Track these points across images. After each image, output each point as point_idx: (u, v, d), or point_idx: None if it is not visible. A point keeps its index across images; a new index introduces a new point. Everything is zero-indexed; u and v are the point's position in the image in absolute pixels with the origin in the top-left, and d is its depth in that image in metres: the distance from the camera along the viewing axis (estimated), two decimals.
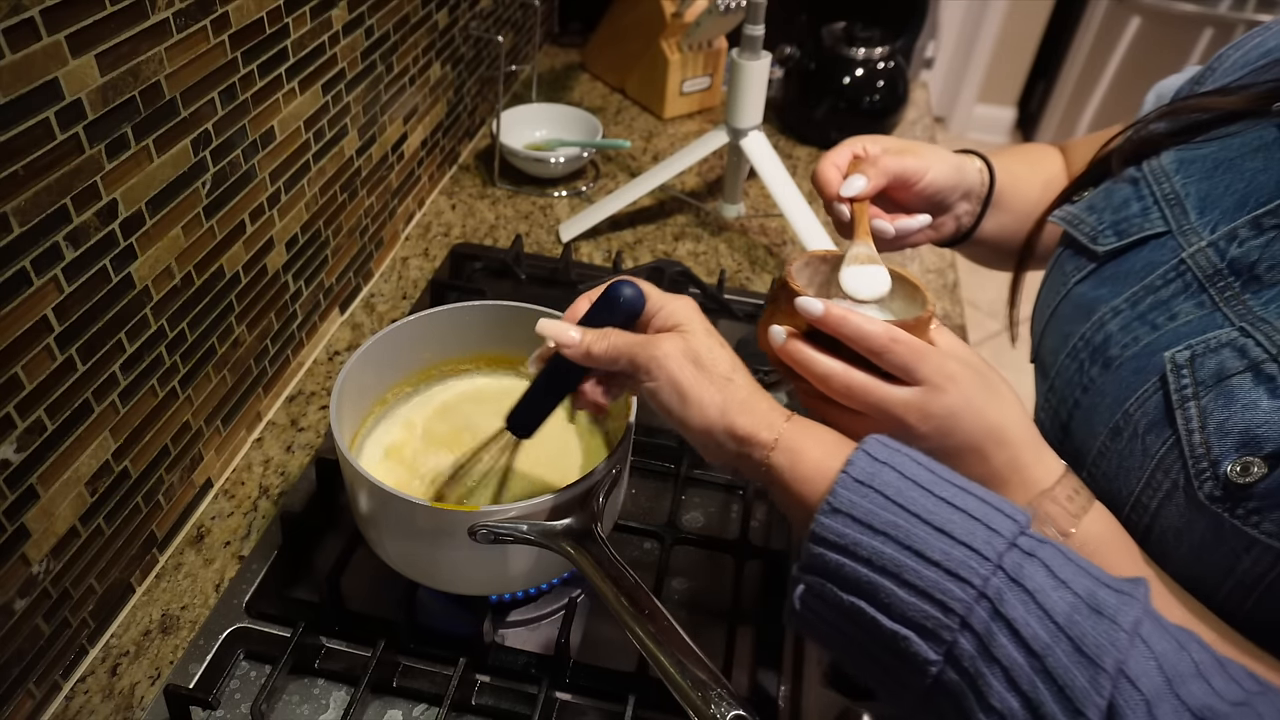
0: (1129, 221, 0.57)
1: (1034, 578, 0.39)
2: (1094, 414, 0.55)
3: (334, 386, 0.64)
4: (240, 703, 0.63)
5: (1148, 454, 0.50)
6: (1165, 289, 0.53)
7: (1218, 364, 0.48)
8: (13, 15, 0.49)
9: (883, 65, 1.33)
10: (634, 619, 0.49)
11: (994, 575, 0.39)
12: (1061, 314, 0.60)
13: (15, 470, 0.56)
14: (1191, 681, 0.36)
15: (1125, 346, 0.54)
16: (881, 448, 0.44)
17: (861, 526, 0.41)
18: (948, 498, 0.42)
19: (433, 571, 0.63)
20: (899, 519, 0.41)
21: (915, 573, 0.40)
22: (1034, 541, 0.41)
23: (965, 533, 0.40)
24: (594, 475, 0.59)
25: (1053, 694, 0.37)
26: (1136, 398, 0.52)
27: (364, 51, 0.91)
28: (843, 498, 0.42)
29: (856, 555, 0.41)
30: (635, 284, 0.54)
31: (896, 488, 0.42)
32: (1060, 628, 0.38)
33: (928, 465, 0.44)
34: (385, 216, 1.05)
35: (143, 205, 0.63)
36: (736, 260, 1.13)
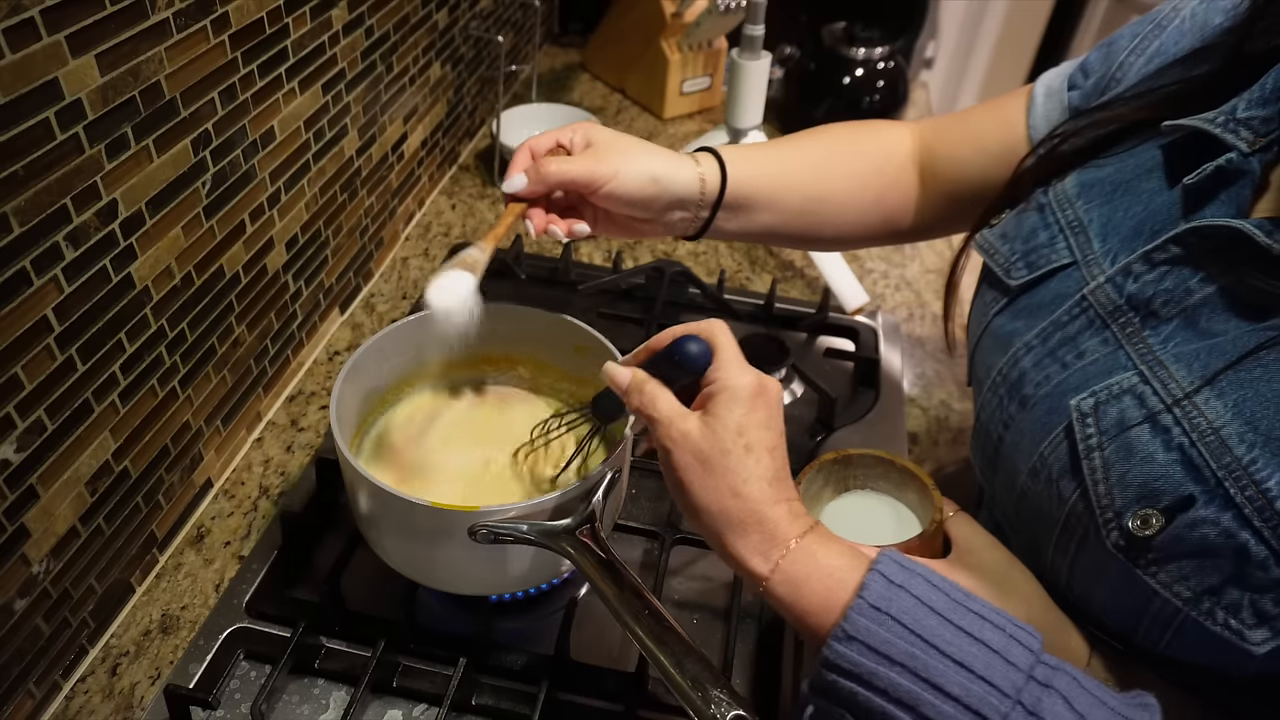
0: (1038, 252, 0.57)
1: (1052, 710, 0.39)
2: (1016, 451, 0.55)
3: (334, 386, 0.64)
4: (240, 703, 0.63)
5: (1061, 500, 0.51)
6: (1071, 325, 0.53)
7: (1119, 413, 0.48)
8: (13, 15, 0.49)
9: (883, 65, 1.33)
10: (634, 619, 0.49)
11: (1013, 711, 0.39)
12: (984, 346, 0.60)
13: (15, 470, 0.56)
14: None
15: (1038, 385, 0.54)
16: (897, 569, 0.43)
17: (878, 656, 0.40)
18: (966, 627, 0.41)
19: (433, 571, 0.63)
20: (917, 649, 0.40)
21: (934, 707, 0.39)
22: (1049, 670, 0.40)
23: (984, 666, 0.40)
24: (594, 475, 0.59)
25: None
26: (1050, 440, 0.52)
27: (364, 51, 0.91)
28: (858, 625, 0.41)
29: (872, 685, 0.40)
30: (702, 342, 0.51)
31: (914, 615, 0.41)
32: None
33: (943, 588, 0.43)
34: (385, 216, 1.05)
35: (143, 205, 0.63)
36: (736, 260, 1.13)
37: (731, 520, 0.47)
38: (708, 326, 0.53)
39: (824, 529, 0.48)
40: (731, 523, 0.47)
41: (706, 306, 1.01)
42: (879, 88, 1.34)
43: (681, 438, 0.49)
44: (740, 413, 0.48)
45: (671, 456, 0.49)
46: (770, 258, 1.14)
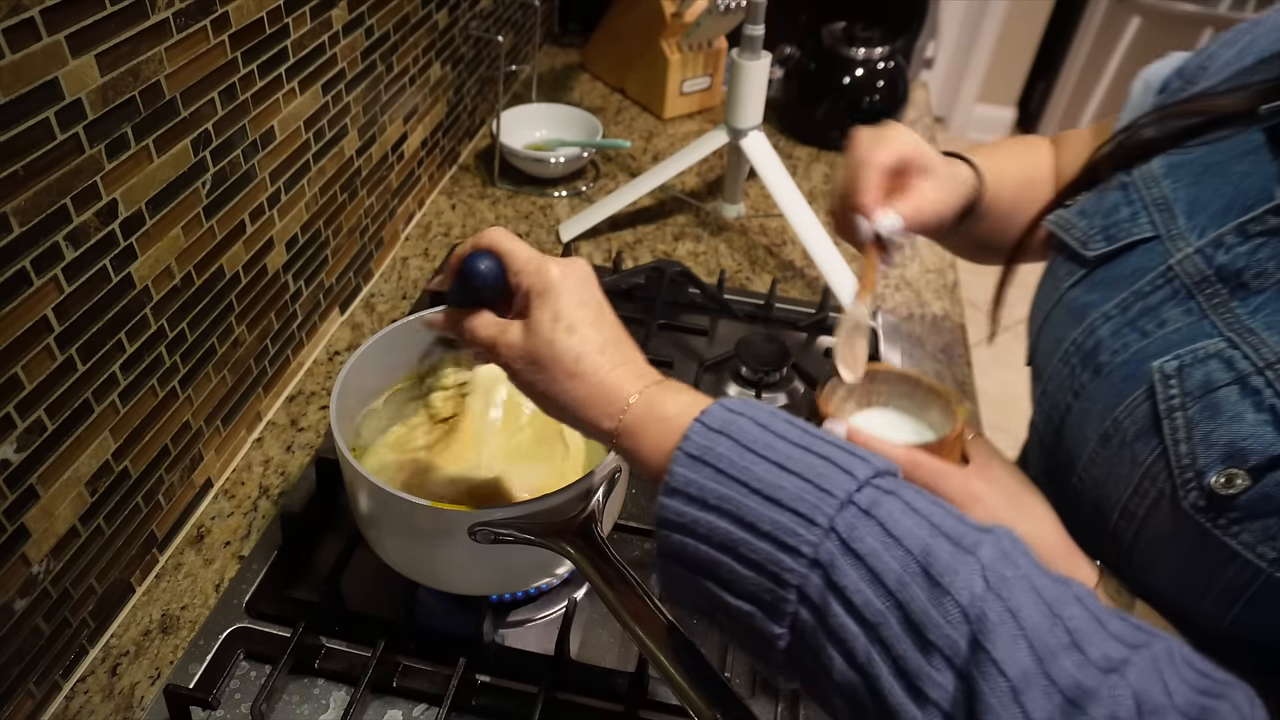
0: (1118, 226, 0.57)
1: (865, 539, 0.37)
2: (1085, 419, 0.55)
3: (334, 386, 0.64)
4: (240, 703, 0.63)
5: (1136, 462, 0.51)
6: (1154, 295, 0.53)
7: (1205, 375, 0.48)
8: (13, 15, 0.49)
9: (883, 65, 1.33)
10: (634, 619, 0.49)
11: (825, 540, 0.37)
12: (1054, 319, 0.60)
13: (15, 470, 0.56)
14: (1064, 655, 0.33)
15: (1115, 353, 0.54)
16: (721, 414, 0.42)
17: (698, 504, 0.40)
18: (782, 461, 0.39)
19: (433, 571, 0.63)
20: (731, 491, 0.39)
21: (749, 546, 0.38)
22: (877, 494, 0.38)
23: (793, 498, 0.38)
24: (594, 475, 0.59)
25: (890, 669, 0.35)
26: (1125, 405, 0.52)
27: (364, 51, 0.91)
28: (679, 477, 0.41)
29: (695, 534, 0.40)
30: (490, 255, 0.51)
31: (729, 459, 0.40)
32: (891, 593, 0.36)
33: (772, 426, 0.41)
34: (385, 216, 1.05)
35: (143, 205, 0.63)
36: (736, 260, 1.13)
37: (578, 399, 0.48)
38: (487, 237, 0.52)
39: (671, 382, 0.48)
40: (579, 401, 0.48)
41: (707, 307, 1.01)
42: (879, 88, 1.34)
43: (509, 349, 0.50)
44: (551, 302, 0.49)
45: (511, 368, 0.50)
46: (770, 258, 1.14)
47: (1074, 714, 0.32)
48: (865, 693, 0.36)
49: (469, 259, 0.51)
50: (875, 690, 0.36)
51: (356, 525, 0.67)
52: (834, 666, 0.37)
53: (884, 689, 0.35)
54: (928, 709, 0.34)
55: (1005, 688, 0.32)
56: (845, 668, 0.37)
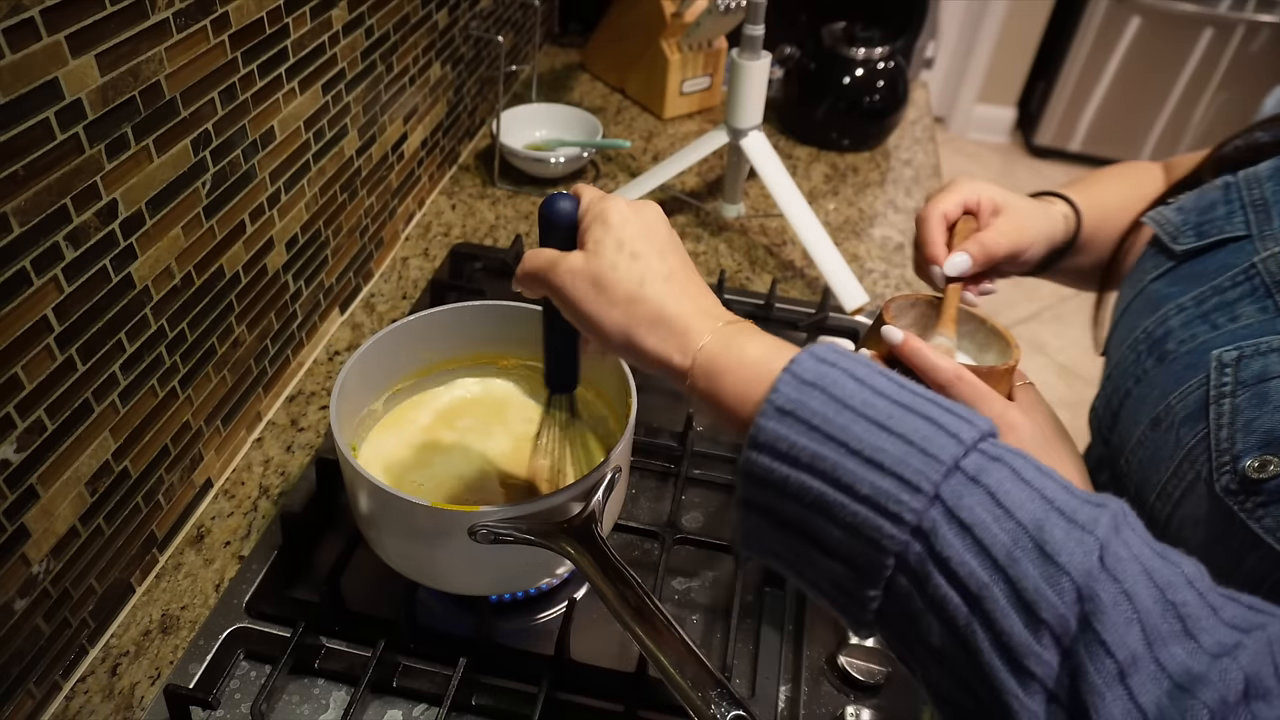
0: (1212, 223, 0.58)
1: (973, 509, 0.36)
2: (1142, 404, 0.56)
3: (334, 386, 0.64)
4: (240, 703, 0.63)
5: (1179, 445, 0.51)
6: (1232, 290, 0.54)
7: (1262, 366, 0.49)
8: (13, 15, 0.49)
9: (883, 65, 1.33)
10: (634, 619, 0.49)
11: (930, 507, 0.36)
12: (1133, 309, 0.61)
13: (15, 470, 0.56)
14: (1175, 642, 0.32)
15: (1182, 342, 0.55)
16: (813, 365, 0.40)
17: (789, 461, 0.38)
18: (883, 420, 0.38)
19: (433, 571, 0.63)
20: (827, 451, 0.38)
21: (846, 509, 0.37)
22: (984, 460, 0.37)
23: (896, 461, 0.36)
24: (594, 475, 0.59)
25: (991, 641, 0.34)
26: (1180, 391, 0.53)
27: (364, 51, 0.91)
28: (768, 431, 0.39)
29: (785, 492, 0.39)
30: (568, 195, 0.51)
31: (824, 415, 0.38)
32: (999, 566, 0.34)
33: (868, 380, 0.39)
34: (385, 216, 1.05)
35: (143, 205, 0.63)
36: (736, 260, 1.13)
37: (638, 323, 0.46)
38: (573, 186, 0.53)
39: (746, 322, 0.46)
40: (638, 326, 0.46)
41: None
42: (879, 88, 1.34)
43: (569, 273, 0.48)
44: (615, 229, 0.48)
45: (567, 295, 0.48)
46: (770, 258, 1.14)
47: (1182, 698, 0.31)
48: (964, 662, 0.35)
49: (548, 200, 0.51)
50: (975, 661, 0.35)
51: (356, 525, 0.67)
52: (931, 633, 0.36)
53: (984, 660, 0.34)
54: (1030, 684, 0.34)
55: (1113, 669, 0.32)
56: (943, 635, 0.36)
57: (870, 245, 1.18)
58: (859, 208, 1.25)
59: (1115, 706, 0.32)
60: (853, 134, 1.38)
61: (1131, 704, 0.32)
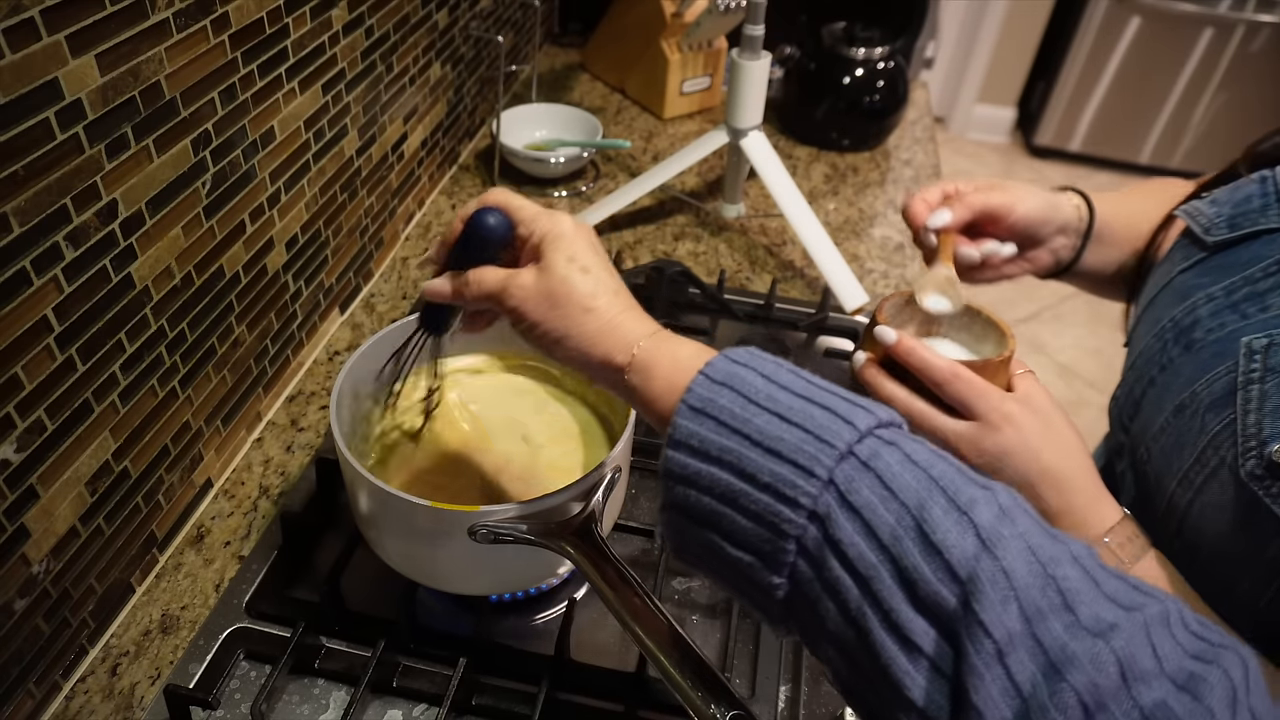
0: (1246, 216, 0.58)
1: (862, 491, 0.37)
2: (1166, 391, 0.57)
3: (334, 386, 0.64)
4: (240, 703, 0.63)
5: (1204, 431, 0.52)
6: (1264, 281, 0.54)
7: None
8: (13, 15, 0.49)
9: (883, 65, 1.33)
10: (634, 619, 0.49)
11: (824, 492, 0.37)
12: (1160, 300, 0.62)
13: (15, 470, 0.56)
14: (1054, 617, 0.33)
15: (1210, 331, 0.55)
16: (724, 365, 0.42)
17: (700, 456, 0.40)
18: (783, 412, 0.39)
19: (433, 571, 0.63)
20: (732, 443, 0.40)
21: (750, 497, 0.39)
22: (878, 444, 0.38)
23: (793, 449, 0.38)
24: (594, 475, 0.59)
25: (881, 621, 0.35)
26: (1207, 378, 0.53)
27: (364, 51, 0.91)
28: (682, 429, 0.41)
29: (698, 485, 0.40)
30: (498, 211, 0.52)
31: (731, 411, 0.40)
32: (885, 547, 0.36)
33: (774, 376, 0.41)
34: (385, 216, 1.05)
35: (143, 205, 0.63)
36: (736, 260, 1.13)
37: (589, 333, 0.49)
38: (492, 196, 0.53)
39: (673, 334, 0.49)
40: (589, 335, 0.49)
41: (707, 306, 1.01)
42: (879, 88, 1.34)
43: (522, 290, 0.50)
44: (566, 245, 0.50)
45: (521, 311, 0.50)
46: (770, 258, 1.14)
47: (1054, 678, 0.32)
48: (857, 644, 0.37)
49: (477, 215, 0.52)
50: (867, 642, 0.36)
51: (356, 525, 0.67)
52: (829, 617, 0.37)
53: (875, 641, 0.36)
54: (918, 660, 0.35)
55: (991, 649, 0.33)
56: (839, 619, 0.37)
57: (870, 245, 1.18)
58: (859, 208, 1.25)
59: (994, 686, 0.32)
60: (853, 134, 1.38)
61: (1009, 682, 0.32)
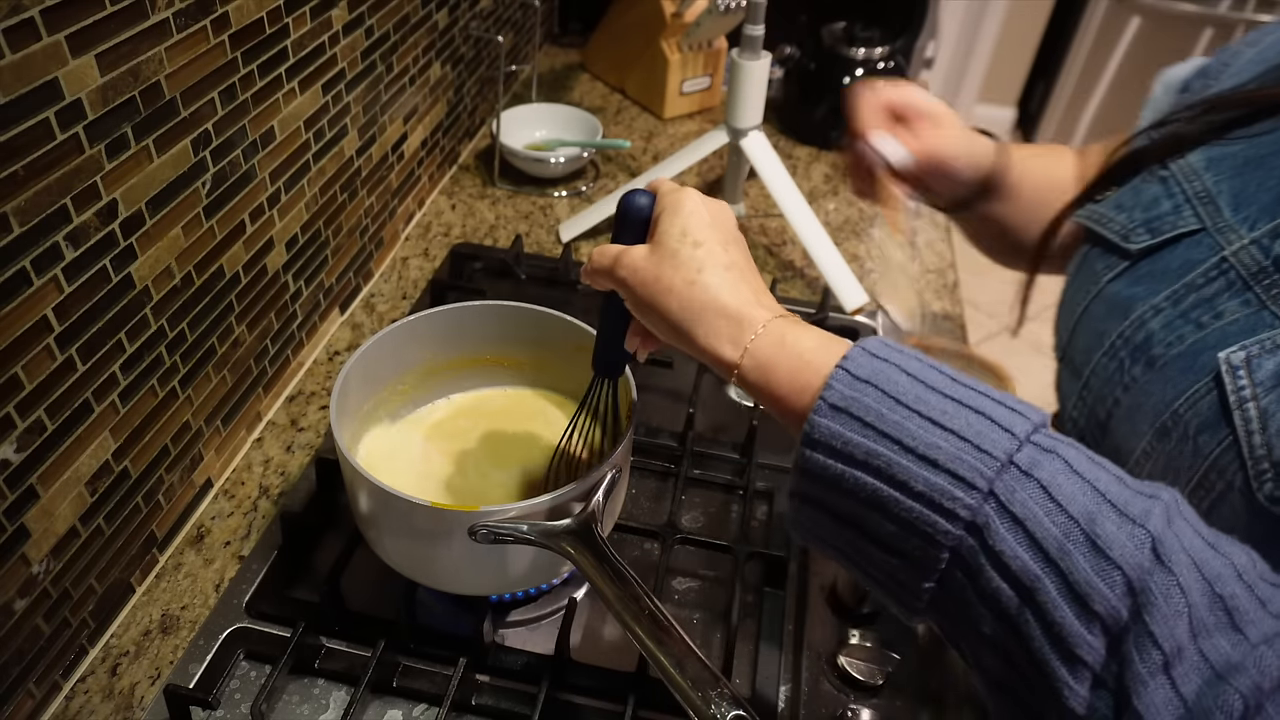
0: (1161, 220, 0.57)
1: (1026, 503, 0.36)
2: (1137, 414, 0.55)
3: (334, 386, 0.64)
4: (240, 703, 0.63)
5: (1199, 454, 0.50)
6: (1208, 287, 0.53)
7: (1276, 365, 0.47)
8: (13, 15, 0.49)
9: (883, 65, 1.33)
10: (634, 619, 0.49)
11: (984, 504, 0.36)
12: (1093, 312, 0.60)
13: (15, 470, 0.56)
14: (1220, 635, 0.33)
15: (1170, 345, 0.53)
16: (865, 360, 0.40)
17: (843, 458, 0.39)
18: (937, 417, 0.38)
19: (433, 571, 0.63)
20: (881, 448, 0.38)
21: (901, 505, 0.38)
22: (1037, 453, 0.37)
23: (951, 458, 0.37)
24: (594, 475, 0.59)
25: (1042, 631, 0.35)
26: (1186, 398, 0.51)
27: (364, 51, 0.91)
28: (822, 428, 0.39)
29: (840, 488, 0.39)
30: (645, 190, 0.52)
31: (879, 412, 0.39)
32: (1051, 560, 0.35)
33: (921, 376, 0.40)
34: (385, 216, 1.05)
35: (143, 205, 0.63)
36: None
37: (693, 310, 0.46)
38: (651, 181, 0.53)
39: (798, 318, 0.47)
40: (693, 313, 0.46)
41: None
42: None
43: (632, 264, 0.49)
44: (681, 219, 0.49)
45: (629, 283, 0.49)
46: (770, 258, 1.14)
47: (1218, 685, 0.32)
48: (1015, 649, 0.36)
49: (625, 195, 0.52)
50: (1026, 648, 0.36)
51: (356, 525, 0.67)
52: (983, 622, 0.37)
53: (1035, 648, 0.35)
54: (1079, 671, 0.35)
55: (1159, 660, 0.33)
56: (995, 625, 0.37)
57: (870, 245, 1.18)
58: (859, 208, 1.25)
59: (1158, 695, 0.33)
60: None
61: (1173, 692, 0.32)
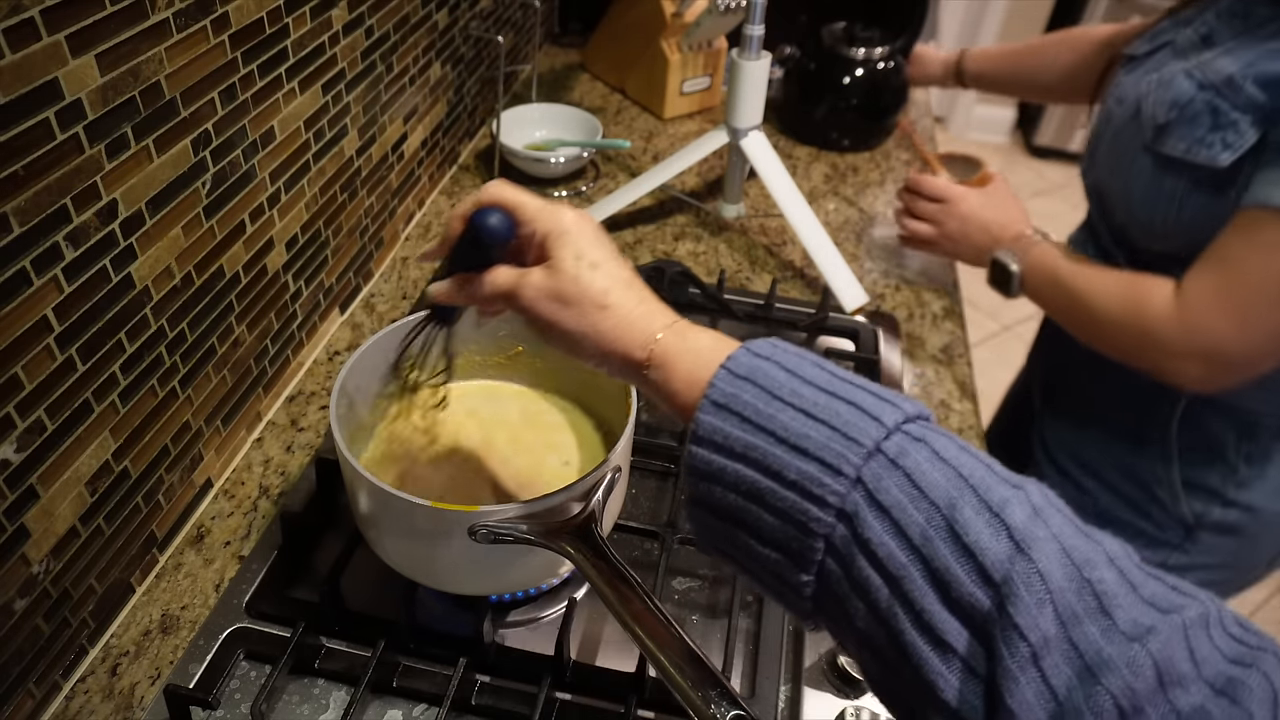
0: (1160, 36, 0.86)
1: (891, 490, 0.36)
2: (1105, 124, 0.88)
3: (334, 386, 0.64)
4: (240, 703, 0.63)
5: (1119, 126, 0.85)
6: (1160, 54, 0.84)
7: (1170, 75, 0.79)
8: (13, 15, 0.49)
9: (883, 65, 1.33)
10: (634, 619, 0.49)
11: (852, 490, 0.37)
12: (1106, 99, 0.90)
13: (15, 470, 0.56)
14: (1090, 621, 0.32)
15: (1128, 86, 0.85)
16: (747, 359, 0.41)
17: (725, 453, 0.40)
18: (809, 408, 0.39)
19: (433, 571, 0.63)
20: (757, 440, 0.39)
21: (776, 495, 0.38)
22: (906, 441, 0.38)
23: (819, 447, 0.38)
24: (594, 475, 0.59)
25: (912, 621, 0.35)
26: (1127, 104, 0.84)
27: (364, 51, 0.91)
28: (705, 425, 0.41)
29: (723, 482, 0.40)
30: (498, 210, 0.51)
31: (755, 407, 0.40)
32: (915, 548, 0.35)
33: (798, 370, 0.41)
34: (385, 216, 1.05)
35: (143, 205, 0.63)
36: (736, 260, 1.13)
37: (605, 330, 0.48)
38: (489, 192, 0.52)
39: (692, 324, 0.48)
40: (608, 333, 0.48)
41: (707, 307, 1.01)
42: (879, 88, 1.34)
43: (534, 290, 0.49)
44: (571, 241, 0.49)
45: (534, 311, 0.50)
46: (770, 258, 1.14)
47: (1089, 682, 0.31)
48: (888, 643, 0.36)
49: (478, 215, 0.51)
50: (898, 642, 0.36)
51: (356, 525, 0.67)
52: (858, 616, 0.37)
53: (907, 641, 0.35)
54: (951, 661, 0.34)
55: (1026, 653, 0.32)
56: (869, 618, 0.37)
57: (870, 245, 1.18)
58: (859, 208, 1.25)
59: (1028, 690, 0.32)
60: (853, 134, 1.38)
61: (1044, 685, 0.32)
